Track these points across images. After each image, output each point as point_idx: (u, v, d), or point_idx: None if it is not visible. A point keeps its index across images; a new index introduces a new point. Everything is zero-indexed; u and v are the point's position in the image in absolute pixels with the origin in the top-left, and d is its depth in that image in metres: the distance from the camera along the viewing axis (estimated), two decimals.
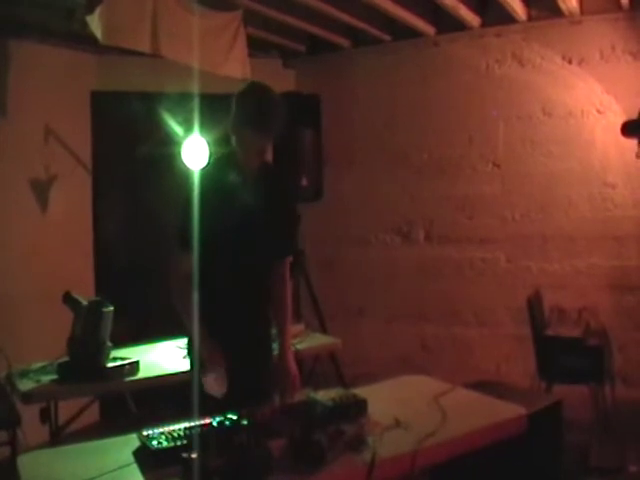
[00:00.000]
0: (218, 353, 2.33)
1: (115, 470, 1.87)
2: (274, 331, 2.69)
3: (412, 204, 5.35)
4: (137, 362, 3.04)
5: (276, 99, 2.44)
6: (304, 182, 4.65)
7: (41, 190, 4.46)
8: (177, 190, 2.57)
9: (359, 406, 2.27)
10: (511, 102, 4.95)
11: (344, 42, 5.45)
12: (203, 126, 3.72)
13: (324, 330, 4.61)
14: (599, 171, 4.65)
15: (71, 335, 3.00)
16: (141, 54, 3.63)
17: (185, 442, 1.92)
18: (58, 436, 3.01)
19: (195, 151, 3.70)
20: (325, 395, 2.30)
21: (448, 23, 4.99)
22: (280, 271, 2.68)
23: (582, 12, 4.62)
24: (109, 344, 3.04)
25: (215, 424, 2.03)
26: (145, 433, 2.00)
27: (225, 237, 2.42)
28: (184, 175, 2.63)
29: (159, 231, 3.72)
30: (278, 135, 2.44)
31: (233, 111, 2.43)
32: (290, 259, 2.73)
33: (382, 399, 2.42)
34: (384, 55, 5.42)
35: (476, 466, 2.40)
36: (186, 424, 2.02)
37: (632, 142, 4.26)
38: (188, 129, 3.87)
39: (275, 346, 2.69)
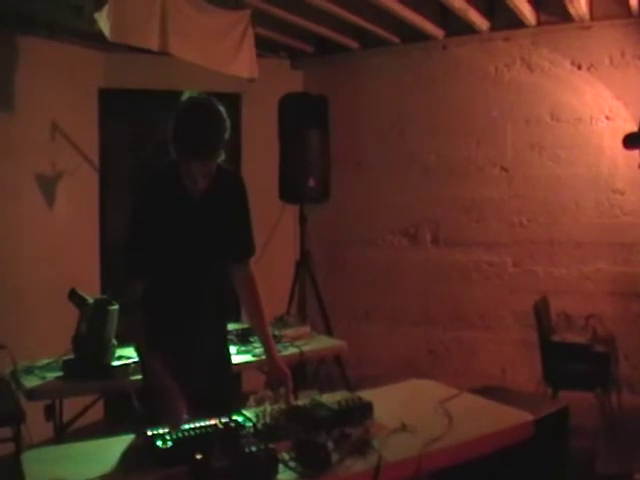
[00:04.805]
0: (179, 401, 2.14)
1: (119, 468, 1.86)
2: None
3: (419, 206, 5.34)
4: None
5: (213, 121, 2.23)
6: (311, 183, 4.64)
7: (48, 186, 4.46)
8: None
9: (365, 409, 2.25)
10: (519, 106, 4.93)
11: (352, 43, 5.44)
12: None
13: (329, 332, 4.60)
14: (607, 177, 4.63)
15: (76, 333, 3.00)
16: (149, 52, 3.63)
17: (190, 442, 1.90)
18: (62, 433, 3.00)
19: None
20: (330, 398, 2.29)
21: (457, 26, 4.98)
22: (246, 272, 2.54)
23: (592, 17, 4.61)
24: (114, 342, 3.04)
25: (220, 425, 2.01)
26: (150, 432, 1.98)
27: (176, 255, 2.32)
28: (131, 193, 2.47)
29: None
30: (217, 158, 2.23)
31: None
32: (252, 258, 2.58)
33: (388, 402, 2.41)
34: (392, 57, 5.41)
35: (482, 471, 2.38)
36: (191, 424, 2.00)
37: None
38: None
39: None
